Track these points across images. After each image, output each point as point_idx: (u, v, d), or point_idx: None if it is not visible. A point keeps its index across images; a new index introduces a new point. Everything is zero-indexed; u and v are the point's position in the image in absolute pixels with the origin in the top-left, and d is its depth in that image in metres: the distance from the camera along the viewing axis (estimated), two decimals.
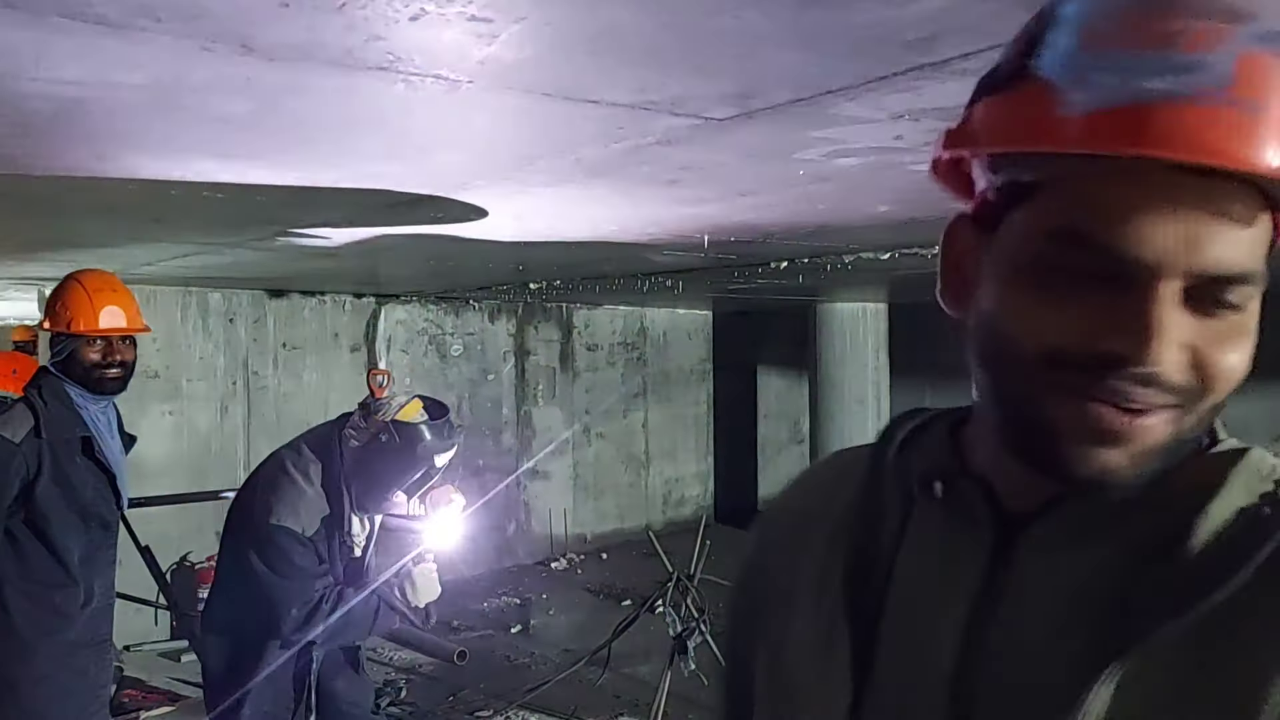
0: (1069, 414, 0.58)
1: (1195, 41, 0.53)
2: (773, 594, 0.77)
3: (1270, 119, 0.53)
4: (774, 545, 0.81)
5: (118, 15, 1.26)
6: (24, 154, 2.07)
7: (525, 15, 1.29)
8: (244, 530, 2.68)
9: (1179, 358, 0.57)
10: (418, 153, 2.11)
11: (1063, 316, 0.58)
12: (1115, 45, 0.55)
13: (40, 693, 2.60)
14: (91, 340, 2.64)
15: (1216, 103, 0.53)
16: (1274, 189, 0.56)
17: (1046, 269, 0.58)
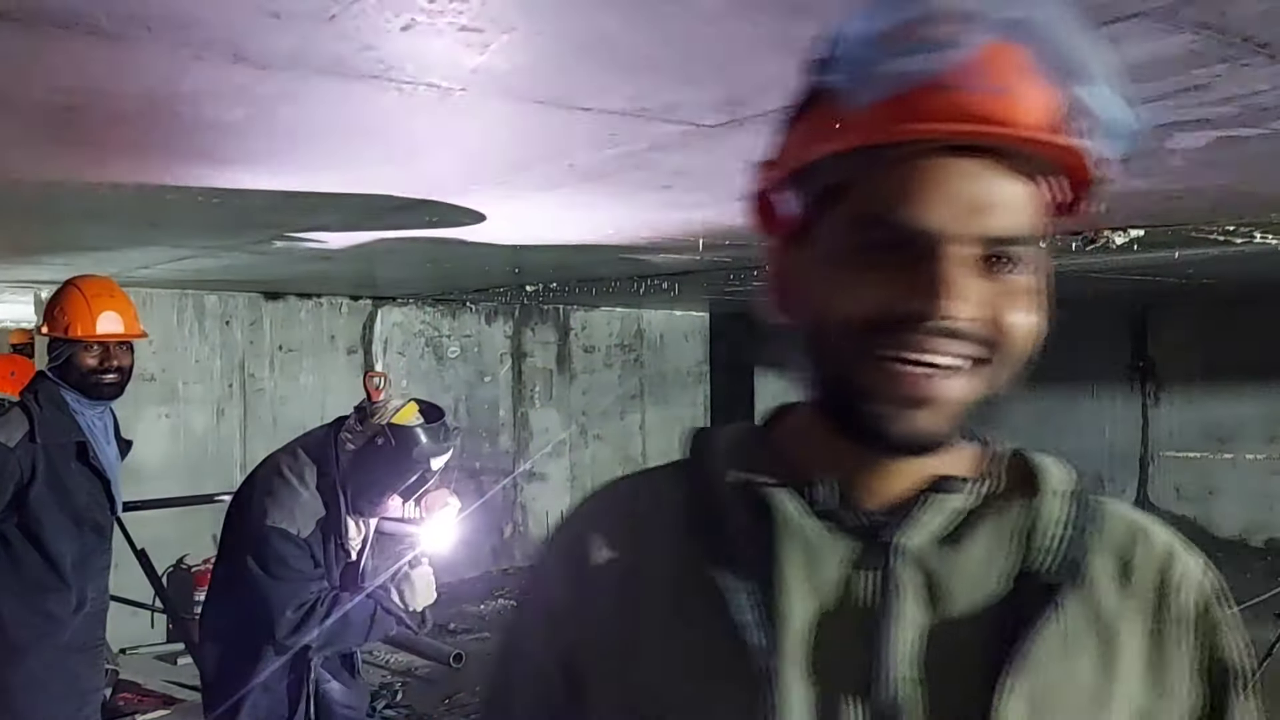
0: (881, 378, 0.64)
1: (945, 36, 0.60)
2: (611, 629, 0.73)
3: (1015, 98, 0.61)
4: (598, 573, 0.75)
5: (110, 25, 1.27)
6: (20, 160, 2.08)
7: (515, 25, 1.30)
8: (239, 533, 2.68)
9: (972, 312, 0.63)
10: (412, 158, 2.12)
11: (871, 289, 0.64)
12: (878, 49, 0.61)
13: (32, 697, 2.60)
14: (89, 346, 2.65)
15: (968, 87, 0.60)
16: (1030, 161, 0.63)
17: (856, 252, 0.65)
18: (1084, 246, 3.36)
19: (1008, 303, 0.64)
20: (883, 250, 0.63)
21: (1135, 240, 3.28)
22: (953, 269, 0.62)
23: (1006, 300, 0.64)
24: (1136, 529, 0.73)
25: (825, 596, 0.68)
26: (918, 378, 0.63)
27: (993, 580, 0.68)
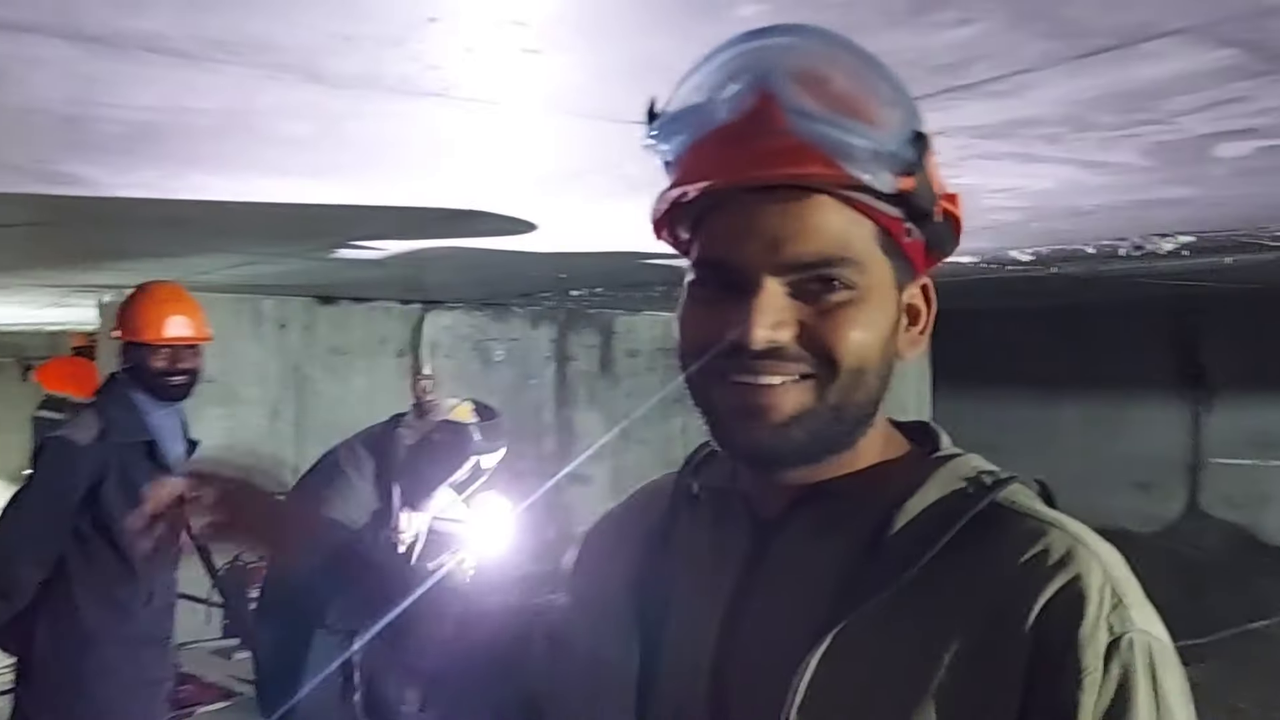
0: (721, 396, 0.75)
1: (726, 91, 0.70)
2: (580, 602, 0.92)
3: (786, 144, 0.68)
4: (590, 557, 0.95)
5: (195, 48, 1.35)
6: (97, 174, 2.19)
7: (574, 47, 1.37)
8: None
9: (786, 335, 0.71)
10: (467, 170, 2.20)
11: (707, 320, 0.74)
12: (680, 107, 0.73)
13: (104, 686, 2.72)
14: (158, 349, 2.77)
15: (751, 134, 0.69)
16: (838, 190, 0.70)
17: (699, 288, 0.76)
18: (1131, 252, 3.36)
19: (830, 324, 0.71)
20: (716, 286, 0.74)
21: (1184, 246, 3.28)
22: (763, 298, 0.70)
23: (826, 322, 0.71)
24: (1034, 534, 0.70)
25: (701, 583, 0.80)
26: (748, 393, 0.72)
27: (833, 569, 0.74)
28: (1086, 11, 1.25)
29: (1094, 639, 0.66)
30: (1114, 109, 1.70)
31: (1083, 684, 0.65)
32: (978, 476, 0.76)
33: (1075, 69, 1.46)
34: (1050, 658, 0.66)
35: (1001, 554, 0.70)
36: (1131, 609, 0.68)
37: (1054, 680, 0.66)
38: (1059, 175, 2.23)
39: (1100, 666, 0.65)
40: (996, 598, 0.68)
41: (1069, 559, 0.69)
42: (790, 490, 0.78)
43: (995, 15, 1.26)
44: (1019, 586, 0.68)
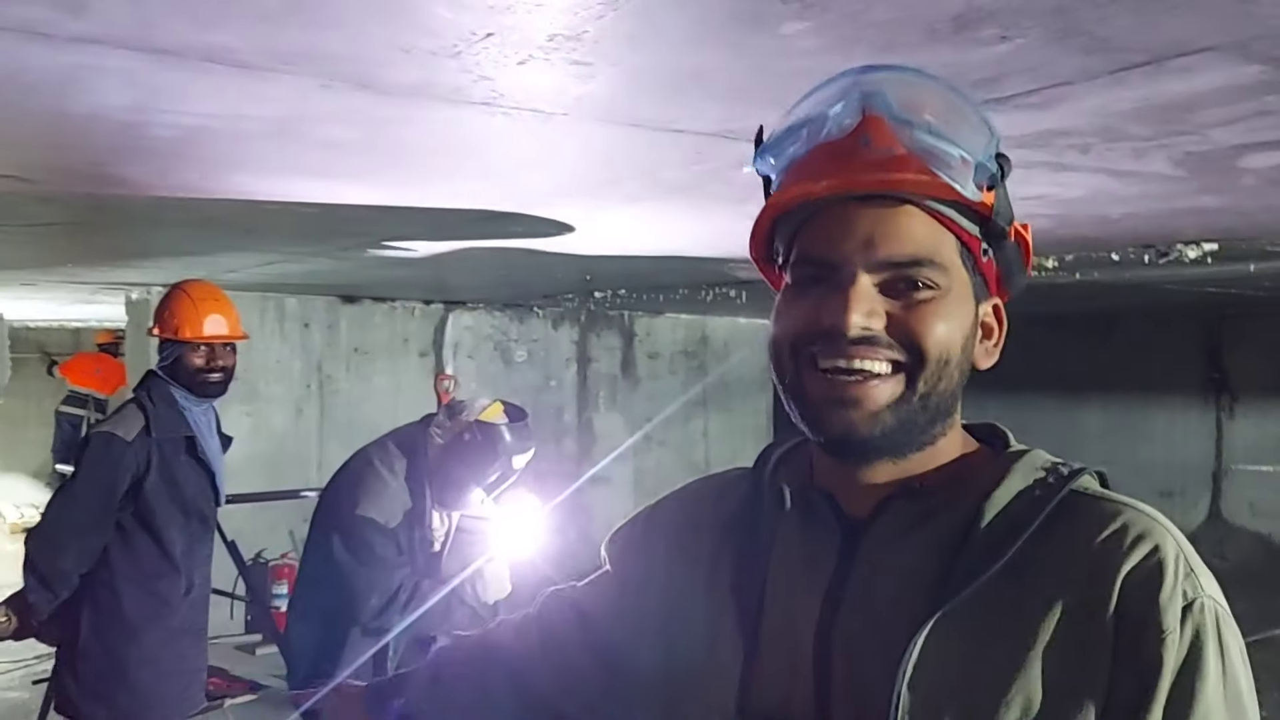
0: (814, 383, 0.79)
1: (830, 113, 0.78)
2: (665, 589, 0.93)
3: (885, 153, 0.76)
4: (668, 545, 0.96)
5: (258, 60, 1.40)
6: (146, 177, 2.25)
7: (622, 60, 1.41)
8: (330, 520, 2.84)
9: (878, 325, 0.77)
10: (507, 175, 2.25)
11: (803, 310, 0.79)
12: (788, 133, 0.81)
13: (146, 673, 2.78)
14: (196, 346, 2.82)
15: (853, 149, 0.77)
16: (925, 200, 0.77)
17: (797, 284, 0.81)
18: (1157, 259, 3.38)
19: (916, 319, 0.77)
20: (814, 282, 0.79)
21: (1209, 254, 3.30)
22: (857, 290, 0.76)
23: (915, 317, 0.77)
24: (1110, 515, 0.77)
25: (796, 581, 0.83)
26: (841, 383, 0.77)
27: (928, 563, 0.78)
28: (1122, 29, 1.28)
29: (1172, 603, 0.72)
30: (1146, 121, 1.73)
31: (1165, 642, 0.72)
32: (1053, 467, 0.81)
33: (1110, 83, 1.49)
34: (1135, 621, 0.72)
35: (1085, 534, 0.76)
36: (1201, 577, 0.75)
37: (1139, 640, 0.72)
38: (1090, 184, 2.26)
39: (1178, 627, 0.72)
40: (1083, 573, 0.75)
41: (1146, 535, 0.75)
42: (877, 488, 0.81)
43: (1034, 32, 1.30)
44: (1103, 561, 0.74)
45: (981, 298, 0.82)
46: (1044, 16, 1.24)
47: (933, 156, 0.75)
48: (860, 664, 0.78)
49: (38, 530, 2.79)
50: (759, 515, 0.88)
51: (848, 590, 0.80)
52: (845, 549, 0.82)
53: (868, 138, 0.76)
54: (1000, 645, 0.74)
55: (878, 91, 0.77)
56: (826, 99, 0.80)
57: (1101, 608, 0.73)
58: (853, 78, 0.80)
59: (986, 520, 0.77)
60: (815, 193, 0.78)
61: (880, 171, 0.76)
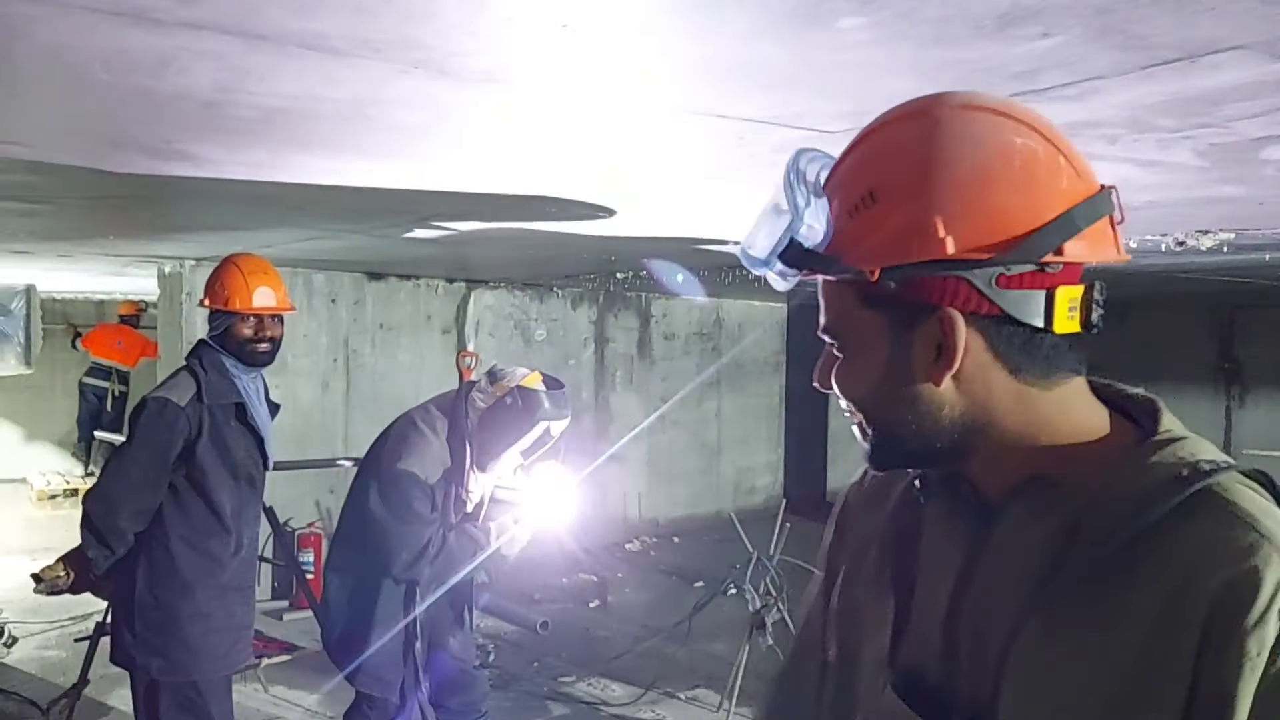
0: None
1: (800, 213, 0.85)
2: (849, 553, 1.04)
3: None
4: (853, 514, 1.07)
5: (346, 46, 1.50)
6: (217, 154, 2.36)
7: (684, 51, 1.51)
8: (372, 474, 2.98)
9: (826, 383, 0.90)
10: (551, 158, 2.35)
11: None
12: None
13: (197, 628, 2.91)
14: (246, 317, 2.94)
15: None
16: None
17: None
18: (1174, 247, 3.46)
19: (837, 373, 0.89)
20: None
21: (1224, 243, 3.38)
22: (821, 361, 0.91)
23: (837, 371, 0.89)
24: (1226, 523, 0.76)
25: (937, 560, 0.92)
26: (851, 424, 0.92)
27: (1043, 557, 0.81)
28: (1157, 28, 1.37)
29: (1260, 629, 0.71)
30: (1173, 114, 1.82)
31: (1243, 670, 0.71)
32: (1196, 463, 0.80)
33: (1141, 78, 1.58)
34: (1215, 642, 0.72)
35: (1193, 539, 0.76)
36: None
37: (1217, 663, 0.72)
38: (1114, 173, 2.35)
39: (1265, 655, 0.71)
40: (1178, 581, 0.74)
41: (1250, 551, 0.73)
42: (1006, 474, 0.87)
43: (1073, 29, 1.39)
44: (1199, 572, 0.74)
45: (914, 322, 0.83)
46: (1086, 15, 1.33)
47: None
48: (979, 641, 0.85)
49: (95, 490, 2.92)
50: (915, 499, 0.97)
51: (977, 571, 0.87)
52: (980, 532, 0.88)
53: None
54: (1095, 641, 0.77)
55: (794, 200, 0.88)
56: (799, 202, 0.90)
57: (1189, 625, 0.73)
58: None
59: (1097, 518, 0.79)
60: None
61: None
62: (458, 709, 3.38)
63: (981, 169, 0.82)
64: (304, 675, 4.59)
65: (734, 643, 4.57)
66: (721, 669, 4.73)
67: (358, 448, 6.19)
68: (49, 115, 2.10)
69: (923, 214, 0.80)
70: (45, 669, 4.87)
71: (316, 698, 4.45)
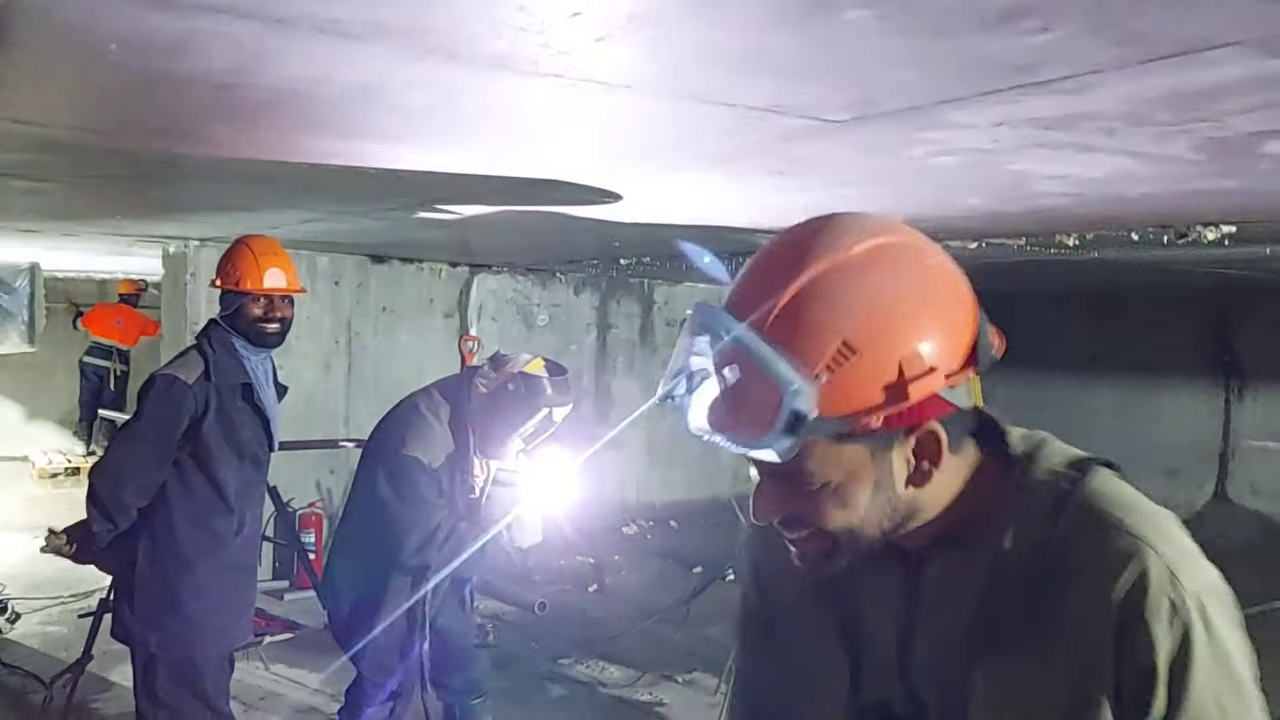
0: None
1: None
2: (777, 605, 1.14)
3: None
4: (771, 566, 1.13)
5: (361, 30, 1.53)
6: (221, 135, 2.39)
7: (692, 39, 1.54)
8: (377, 460, 3.01)
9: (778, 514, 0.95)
10: (560, 142, 2.37)
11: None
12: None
13: (198, 605, 2.95)
14: (256, 298, 2.97)
15: None
16: None
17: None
18: (1175, 240, 3.49)
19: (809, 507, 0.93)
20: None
21: (1227, 236, 3.40)
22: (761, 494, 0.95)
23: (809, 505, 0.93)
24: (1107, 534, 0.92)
25: (879, 609, 1.03)
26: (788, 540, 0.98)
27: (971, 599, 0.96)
28: (1156, 24, 1.40)
29: (1158, 615, 0.88)
30: (1170, 108, 1.85)
31: (1155, 648, 0.88)
32: (1059, 478, 0.96)
33: (1139, 72, 1.61)
34: (1129, 634, 0.89)
35: (1086, 559, 0.92)
36: (1183, 579, 0.90)
37: (1135, 650, 0.89)
38: (1111, 165, 2.38)
39: (1166, 633, 0.88)
40: (1087, 593, 0.91)
41: (1134, 558, 0.90)
42: (926, 537, 0.98)
43: (1073, 24, 1.42)
44: (1101, 583, 0.90)
45: (893, 442, 0.90)
46: (1085, 10, 1.36)
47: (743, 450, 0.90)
48: (936, 678, 0.98)
49: (101, 465, 2.96)
50: None
51: (917, 614, 1.00)
52: (910, 581, 1.01)
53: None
54: (1037, 660, 0.92)
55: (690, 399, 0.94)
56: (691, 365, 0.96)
57: (1103, 626, 0.89)
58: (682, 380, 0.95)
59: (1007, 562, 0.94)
60: None
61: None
62: (458, 687, 3.43)
63: (930, 296, 0.90)
64: (305, 654, 4.64)
65: (730, 628, 4.59)
66: (719, 653, 4.77)
67: (359, 429, 6.23)
68: (61, 94, 2.13)
69: (910, 352, 0.86)
70: (48, 644, 4.92)
71: (317, 676, 4.50)
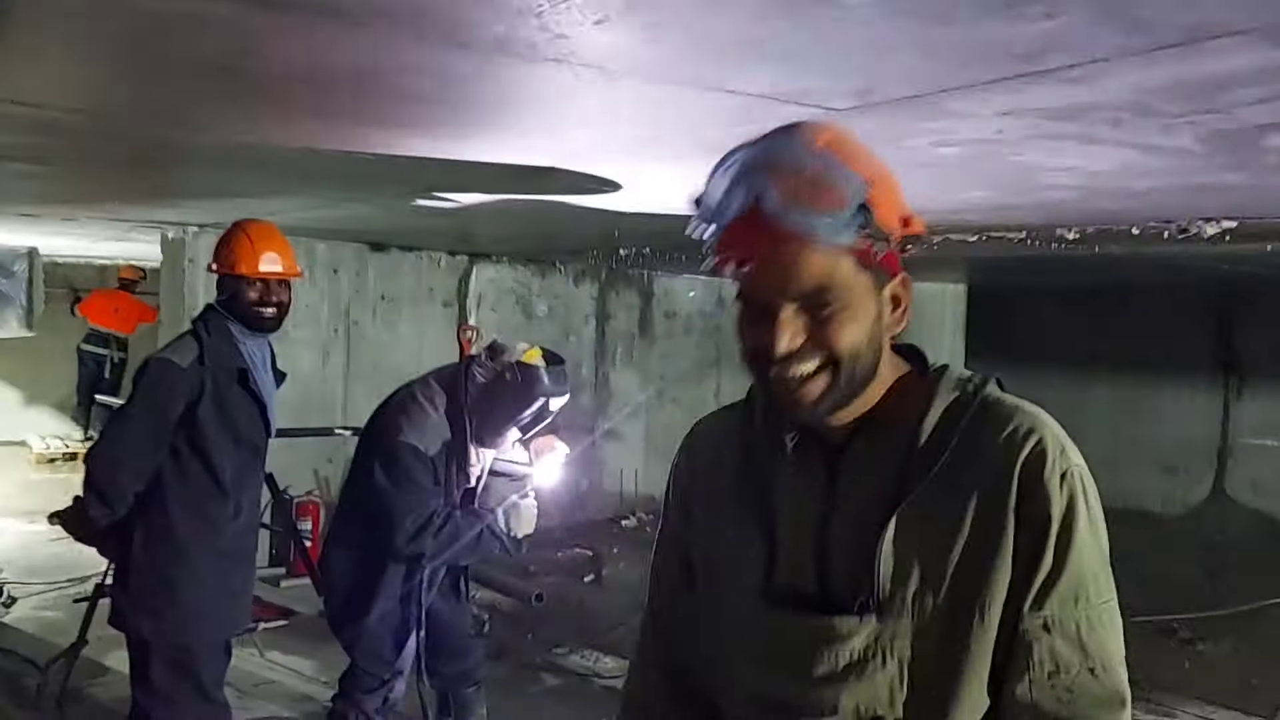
0: (768, 386, 1.08)
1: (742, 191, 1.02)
2: (702, 505, 1.26)
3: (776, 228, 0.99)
4: (699, 469, 1.29)
5: (359, 11, 1.51)
6: (220, 120, 2.37)
7: (692, 24, 1.52)
8: (373, 446, 3.01)
9: (798, 342, 1.04)
10: (562, 130, 2.36)
11: (752, 334, 1.07)
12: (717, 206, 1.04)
13: (192, 592, 2.93)
14: (252, 282, 2.95)
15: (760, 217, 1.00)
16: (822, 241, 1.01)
17: (745, 310, 1.08)
18: (1177, 235, 3.48)
19: (827, 329, 1.04)
20: (756, 314, 1.06)
21: (1227, 231, 3.39)
22: (781, 320, 1.03)
23: (826, 328, 1.04)
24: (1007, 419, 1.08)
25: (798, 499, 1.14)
26: (785, 385, 1.06)
27: (889, 473, 1.09)
28: (1161, 11, 1.39)
29: (1053, 476, 1.05)
30: (1176, 99, 1.83)
31: (1051, 502, 1.04)
32: (966, 382, 1.13)
33: (1145, 62, 1.60)
34: (1029, 493, 1.04)
35: (992, 436, 1.08)
36: (1071, 454, 1.07)
37: (1033, 504, 1.04)
38: (1117, 157, 2.36)
39: (1058, 492, 1.04)
40: (994, 465, 1.06)
41: (1033, 430, 1.07)
42: (850, 418, 1.12)
43: (1078, 11, 1.40)
44: (1006, 454, 1.06)
45: (885, 282, 1.08)
46: None
47: (807, 230, 1.00)
48: (849, 553, 1.10)
49: (96, 449, 2.95)
50: (760, 452, 1.20)
51: (836, 502, 1.12)
52: (829, 470, 1.14)
53: (760, 218, 1.00)
54: (943, 524, 1.06)
55: (760, 191, 1.00)
56: (727, 190, 1.03)
57: (1007, 487, 1.05)
58: (743, 167, 1.04)
59: (924, 438, 1.09)
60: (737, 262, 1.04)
61: (776, 239, 1.01)
62: (453, 676, 3.42)
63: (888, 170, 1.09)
64: (300, 641, 4.64)
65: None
66: None
67: (357, 418, 6.21)
68: (58, 77, 2.11)
69: (900, 201, 1.07)
70: (44, 629, 4.91)
71: (313, 663, 4.49)
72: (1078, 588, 1.05)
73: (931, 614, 1.06)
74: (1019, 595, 1.05)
